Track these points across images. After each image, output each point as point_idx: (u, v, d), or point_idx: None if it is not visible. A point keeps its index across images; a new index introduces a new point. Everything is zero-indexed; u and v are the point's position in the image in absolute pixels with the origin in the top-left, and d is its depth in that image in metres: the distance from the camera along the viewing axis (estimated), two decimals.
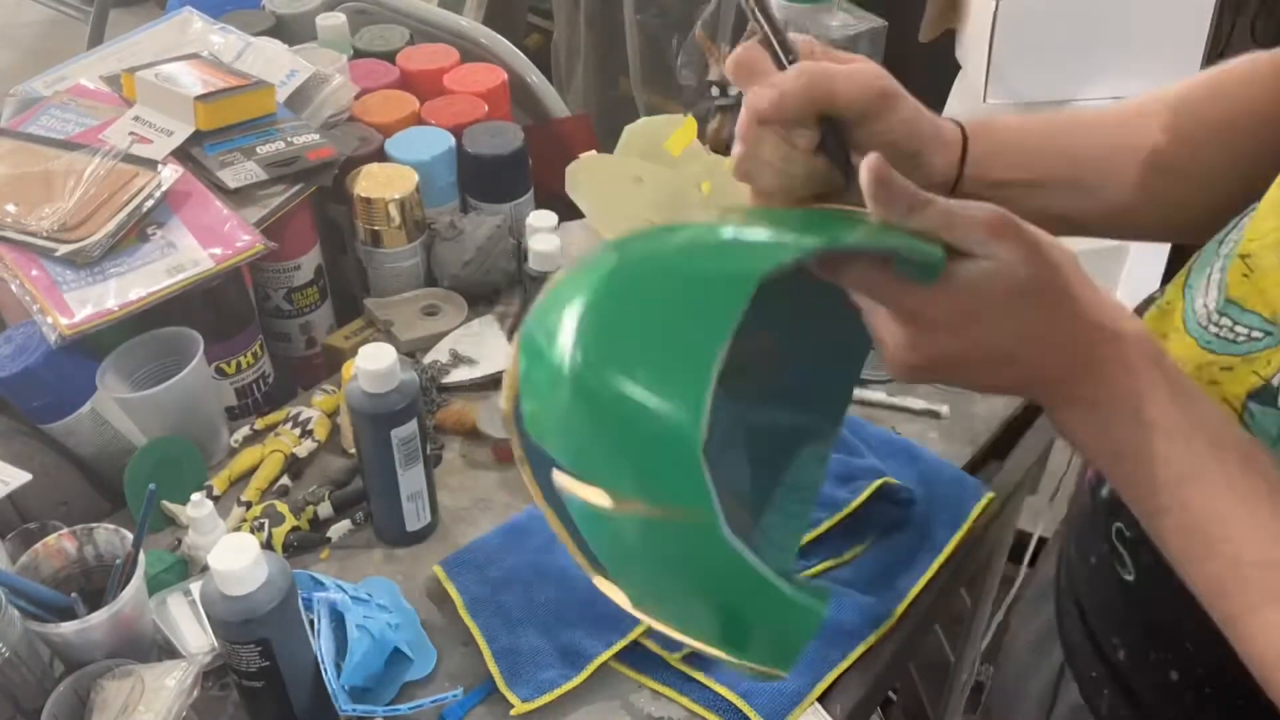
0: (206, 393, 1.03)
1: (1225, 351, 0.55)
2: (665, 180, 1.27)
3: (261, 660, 0.76)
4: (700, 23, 2.10)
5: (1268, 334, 0.53)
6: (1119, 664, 0.65)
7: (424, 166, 1.19)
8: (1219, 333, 0.56)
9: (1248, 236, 0.55)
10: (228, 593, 0.74)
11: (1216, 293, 0.57)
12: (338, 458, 1.05)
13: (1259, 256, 0.54)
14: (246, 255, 1.01)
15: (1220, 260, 0.59)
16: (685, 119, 1.31)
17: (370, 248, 1.17)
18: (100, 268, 0.97)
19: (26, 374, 0.93)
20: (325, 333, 1.20)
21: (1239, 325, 0.54)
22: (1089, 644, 0.68)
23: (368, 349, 0.88)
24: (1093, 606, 0.68)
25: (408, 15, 1.46)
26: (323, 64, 1.24)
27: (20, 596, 0.77)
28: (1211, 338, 0.56)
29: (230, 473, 1.02)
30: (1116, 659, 0.65)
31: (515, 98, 1.37)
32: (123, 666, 0.77)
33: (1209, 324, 0.56)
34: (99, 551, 0.82)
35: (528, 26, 2.73)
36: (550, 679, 0.85)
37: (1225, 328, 0.55)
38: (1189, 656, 0.60)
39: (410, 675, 0.86)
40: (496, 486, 1.03)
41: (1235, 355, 0.54)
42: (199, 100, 1.07)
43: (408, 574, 0.94)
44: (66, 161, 1.04)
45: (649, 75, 2.27)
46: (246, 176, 1.06)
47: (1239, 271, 0.55)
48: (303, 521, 0.96)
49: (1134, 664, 0.64)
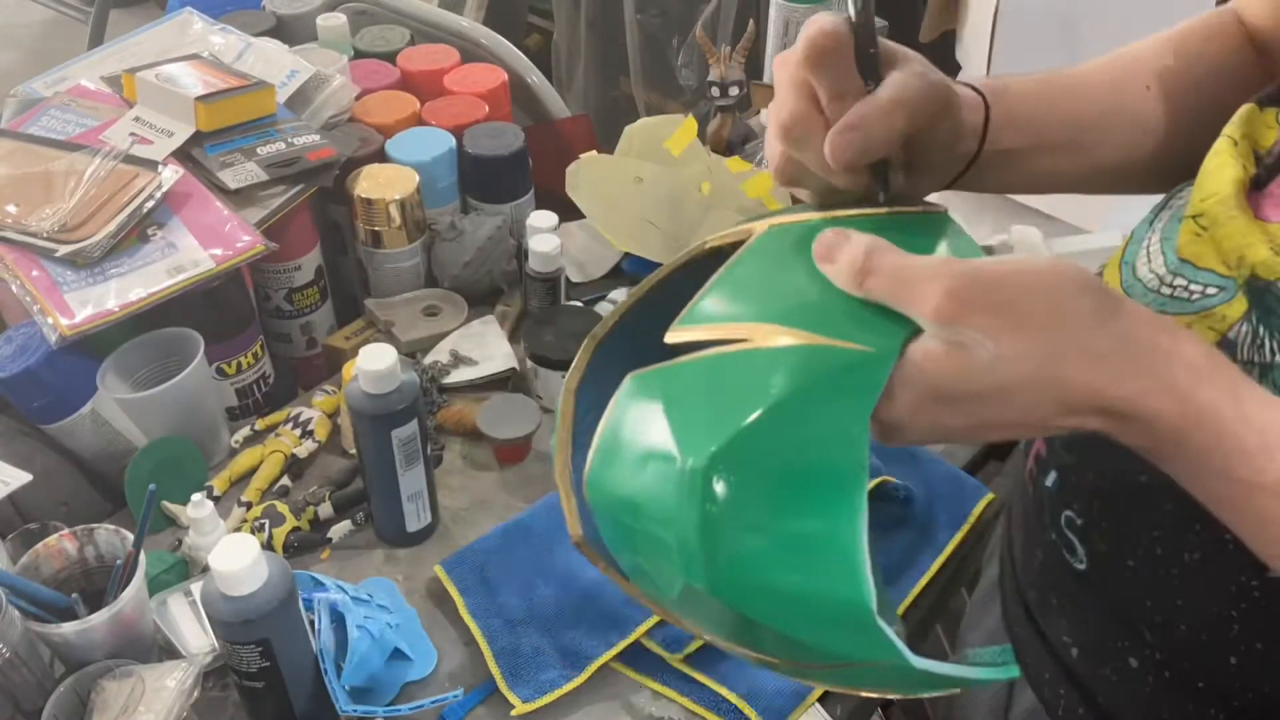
0: (207, 393, 1.03)
1: (1180, 311, 0.54)
2: (665, 180, 1.27)
3: (262, 660, 0.76)
4: (700, 23, 2.10)
5: (1221, 289, 0.53)
6: (1072, 663, 0.64)
7: (424, 167, 1.19)
8: (1172, 293, 0.55)
9: (1196, 198, 0.55)
10: (228, 593, 0.74)
11: (1162, 258, 0.57)
12: (338, 458, 1.05)
13: (1213, 213, 0.54)
14: (247, 256, 1.01)
15: (1157, 232, 0.59)
16: (685, 119, 1.31)
17: (371, 248, 1.17)
18: (101, 268, 0.97)
19: (27, 374, 0.93)
20: (326, 333, 1.20)
21: (1193, 284, 0.54)
22: (1039, 643, 0.67)
23: (368, 349, 0.88)
24: (1041, 604, 0.67)
25: (408, 16, 1.46)
26: (323, 65, 1.24)
27: (21, 597, 0.77)
28: (1165, 299, 0.55)
29: (231, 473, 1.02)
30: (1069, 657, 0.65)
31: (515, 98, 1.37)
32: (123, 667, 0.77)
33: (1161, 287, 0.56)
34: (99, 552, 0.82)
35: (528, 27, 2.73)
36: (551, 679, 0.85)
37: (1180, 287, 0.55)
38: (1147, 643, 0.59)
39: (410, 676, 0.86)
40: (497, 487, 1.03)
41: (1190, 314, 0.54)
42: (199, 101, 1.07)
43: (408, 574, 0.95)
44: (67, 162, 1.04)
45: (649, 75, 2.27)
46: (247, 177, 1.06)
47: (1190, 232, 0.55)
48: (303, 522, 0.96)
49: (1088, 660, 0.64)
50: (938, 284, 0.44)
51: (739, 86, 1.44)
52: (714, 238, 0.56)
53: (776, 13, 1.48)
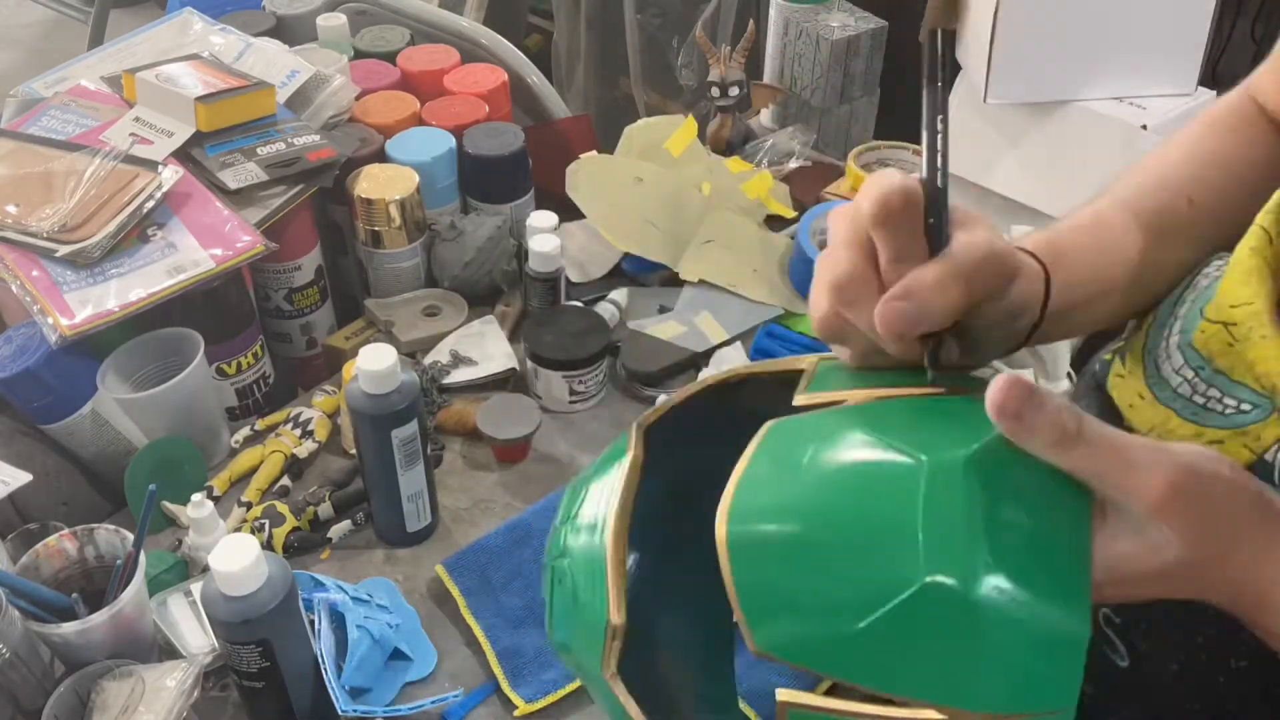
0: (207, 393, 1.03)
1: (1213, 424, 0.52)
2: (665, 180, 1.28)
3: (262, 661, 0.76)
4: (700, 23, 2.10)
5: (1256, 406, 0.51)
6: None
7: (424, 167, 1.19)
8: (1205, 404, 0.53)
9: (1226, 302, 0.53)
10: (228, 593, 0.74)
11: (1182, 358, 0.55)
12: (338, 458, 1.05)
13: (1244, 326, 0.52)
14: (247, 256, 1.01)
15: (1178, 322, 0.57)
16: (685, 119, 1.31)
17: (371, 248, 1.17)
18: (101, 268, 0.97)
19: (27, 374, 0.93)
20: (326, 333, 1.20)
21: (1228, 397, 0.52)
22: None
23: (368, 350, 0.88)
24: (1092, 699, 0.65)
25: (408, 16, 1.46)
26: (323, 65, 1.24)
27: (21, 597, 0.77)
28: (1198, 409, 0.53)
29: (231, 473, 1.02)
30: None
31: (515, 98, 1.37)
32: (123, 667, 0.77)
33: (1194, 395, 0.54)
34: (99, 552, 0.82)
35: (528, 27, 2.73)
36: (553, 679, 0.85)
37: (1214, 399, 0.53)
38: None
39: (411, 676, 0.86)
40: (497, 487, 1.03)
41: (1224, 428, 0.52)
42: (200, 101, 1.07)
43: (408, 574, 0.95)
44: (67, 162, 1.04)
45: (649, 75, 2.27)
46: (247, 177, 1.06)
47: (1223, 341, 0.53)
48: (303, 522, 0.96)
49: None
50: (1161, 474, 0.41)
51: (739, 87, 1.44)
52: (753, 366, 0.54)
53: (776, 13, 1.48)
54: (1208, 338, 0.54)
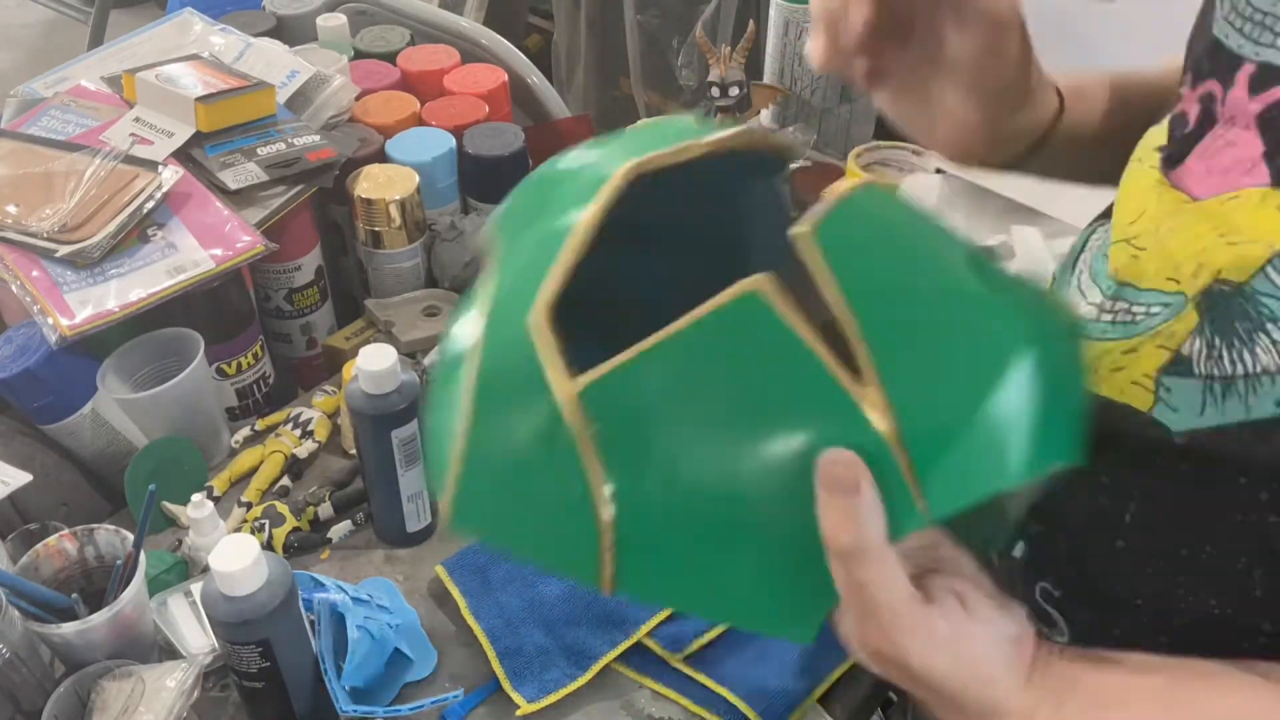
0: (207, 393, 1.03)
1: (1124, 335, 0.53)
2: None
3: (262, 661, 0.76)
4: (700, 23, 2.10)
5: (1166, 305, 0.52)
6: None
7: (424, 167, 1.19)
8: (1114, 318, 0.54)
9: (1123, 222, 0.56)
10: (228, 593, 0.73)
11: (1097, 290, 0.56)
12: (338, 458, 1.05)
13: (1146, 234, 0.53)
14: (247, 256, 1.01)
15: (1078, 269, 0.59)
16: None
17: (371, 248, 1.17)
18: (101, 269, 0.97)
19: (27, 375, 0.93)
20: (326, 333, 1.20)
21: (1136, 305, 0.53)
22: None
23: (368, 350, 0.88)
24: None
25: (408, 16, 1.46)
26: (323, 65, 1.24)
27: (21, 597, 0.77)
28: (1107, 325, 0.55)
29: (231, 473, 1.02)
30: None
31: (516, 98, 1.37)
32: (123, 667, 0.77)
33: (1101, 314, 0.55)
34: (99, 552, 0.82)
35: (528, 27, 2.73)
36: (555, 679, 0.85)
37: (1122, 310, 0.54)
38: None
39: (411, 676, 0.86)
40: None
41: (1136, 336, 0.53)
42: (200, 101, 1.07)
43: (408, 574, 0.94)
44: (67, 162, 1.04)
45: (649, 75, 2.27)
46: (247, 177, 1.06)
47: (1126, 255, 0.54)
48: (303, 522, 0.96)
49: None
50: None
51: (739, 87, 1.44)
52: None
53: (776, 13, 1.48)
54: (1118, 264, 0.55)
